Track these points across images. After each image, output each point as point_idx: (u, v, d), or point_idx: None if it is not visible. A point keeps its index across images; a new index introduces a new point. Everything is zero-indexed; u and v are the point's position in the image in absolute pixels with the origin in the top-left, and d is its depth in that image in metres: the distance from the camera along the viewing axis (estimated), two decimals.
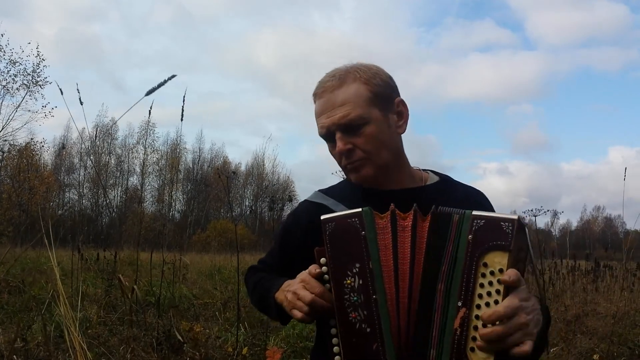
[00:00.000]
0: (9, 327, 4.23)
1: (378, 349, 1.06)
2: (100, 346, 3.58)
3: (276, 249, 1.46)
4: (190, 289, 6.89)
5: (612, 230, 58.84)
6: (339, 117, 1.24)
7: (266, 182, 44.87)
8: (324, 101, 1.27)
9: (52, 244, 2.36)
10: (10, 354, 3.15)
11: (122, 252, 8.62)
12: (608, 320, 5.29)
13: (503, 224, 1.01)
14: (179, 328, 3.87)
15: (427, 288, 1.06)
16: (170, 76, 1.69)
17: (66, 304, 2.28)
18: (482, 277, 1.01)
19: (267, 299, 1.30)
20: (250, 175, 46.36)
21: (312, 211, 1.33)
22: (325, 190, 1.43)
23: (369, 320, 1.07)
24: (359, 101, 1.25)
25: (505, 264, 1.00)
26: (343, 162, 1.29)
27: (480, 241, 1.02)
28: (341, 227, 1.11)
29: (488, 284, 1.01)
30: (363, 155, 1.26)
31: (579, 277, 8.76)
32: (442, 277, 1.04)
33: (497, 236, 1.01)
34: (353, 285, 1.08)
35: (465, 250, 1.03)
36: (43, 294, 5.31)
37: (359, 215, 1.10)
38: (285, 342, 4.36)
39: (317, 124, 1.30)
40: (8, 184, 26.67)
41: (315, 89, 1.32)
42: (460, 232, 1.04)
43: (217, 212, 45.04)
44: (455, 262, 1.04)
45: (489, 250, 1.01)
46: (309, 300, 1.12)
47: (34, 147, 27.98)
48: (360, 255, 1.08)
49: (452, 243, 1.05)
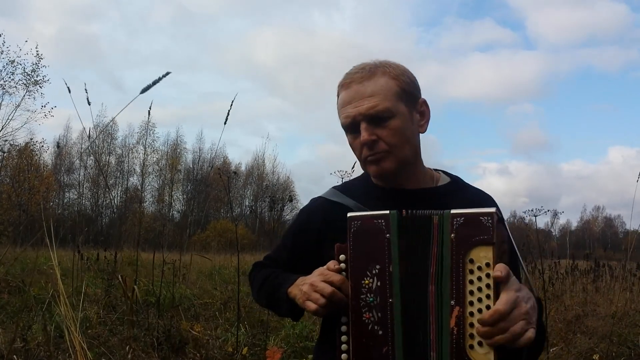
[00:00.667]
0: (9, 327, 4.22)
1: (388, 352, 1.06)
2: (101, 346, 3.58)
3: (287, 244, 1.45)
4: (190, 289, 6.89)
5: (612, 230, 58.85)
6: (367, 108, 1.25)
7: (266, 182, 44.88)
8: (351, 91, 1.28)
9: (53, 243, 2.36)
10: (10, 354, 3.14)
11: (122, 252, 8.62)
12: (608, 320, 5.28)
13: (482, 219, 1.02)
14: (179, 328, 3.87)
15: (419, 291, 1.06)
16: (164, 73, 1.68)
17: (66, 303, 2.28)
18: (470, 274, 1.02)
19: (278, 294, 1.29)
20: (250, 176, 46.36)
21: (327, 209, 1.34)
22: (340, 187, 1.43)
23: (382, 323, 1.07)
24: (388, 94, 1.26)
25: (491, 257, 1.01)
26: (364, 153, 1.28)
27: (463, 238, 1.03)
28: (366, 227, 1.11)
29: (477, 279, 1.02)
30: (386, 147, 1.26)
31: (579, 277, 8.76)
32: (431, 279, 1.05)
33: (479, 231, 1.02)
34: (371, 286, 1.09)
35: (450, 249, 1.04)
36: (43, 294, 5.30)
37: (385, 217, 1.10)
38: (285, 342, 4.36)
39: (341, 114, 1.30)
40: (8, 184, 26.63)
41: (342, 79, 1.32)
42: (443, 232, 1.05)
43: (217, 212, 45.02)
44: (442, 262, 1.04)
45: (473, 246, 1.02)
46: (328, 292, 1.12)
47: (34, 147, 27.97)
48: (382, 257, 1.09)
49: (437, 243, 1.05)
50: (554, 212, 37.46)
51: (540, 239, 9.45)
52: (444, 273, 1.04)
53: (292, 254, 1.42)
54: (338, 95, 1.33)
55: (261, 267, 1.47)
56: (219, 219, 40.41)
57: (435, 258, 1.05)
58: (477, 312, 1.01)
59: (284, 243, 1.46)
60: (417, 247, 1.07)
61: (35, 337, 3.73)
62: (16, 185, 25.78)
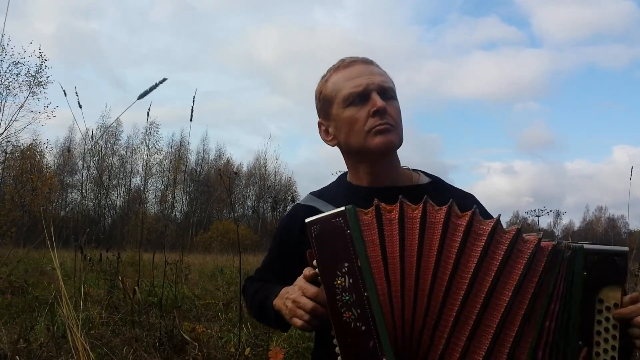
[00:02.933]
0: (12, 327, 4.23)
1: (375, 345, 1.05)
2: (103, 347, 3.58)
3: (273, 255, 1.45)
4: (192, 289, 6.90)
5: (615, 230, 58.69)
6: (381, 81, 1.27)
7: (268, 183, 44.92)
8: (360, 67, 1.30)
9: (55, 244, 2.37)
10: (13, 354, 3.15)
11: (125, 253, 8.63)
12: None
13: (616, 259, 1.03)
14: (181, 328, 3.87)
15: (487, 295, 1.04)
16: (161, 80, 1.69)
17: (68, 304, 2.28)
18: (598, 314, 1.03)
19: (266, 308, 1.29)
20: (252, 176, 46.42)
21: (303, 215, 1.31)
22: (317, 192, 1.42)
23: (363, 318, 1.06)
24: (390, 79, 1.32)
25: (619, 297, 1.02)
26: (373, 122, 1.25)
27: (596, 277, 1.03)
28: (326, 228, 1.10)
29: (605, 319, 1.03)
30: (392, 121, 1.26)
31: None
32: (551, 316, 1.04)
33: (612, 271, 1.03)
34: (344, 284, 1.08)
35: (582, 287, 1.04)
36: (46, 295, 5.32)
37: (342, 215, 1.09)
38: (287, 342, 4.36)
39: (347, 85, 1.28)
40: (11, 185, 26.72)
41: (338, 63, 1.33)
42: (574, 269, 1.04)
43: (219, 212, 45.07)
44: (571, 299, 1.04)
45: (604, 285, 1.03)
46: (309, 308, 1.12)
47: (37, 148, 28.08)
48: (347, 254, 1.08)
49: (564, 280, 1.04)
50: (557, 213, 37.45)
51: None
52: (573, 311, 1.04)
53: (279, 262, 1.42)
54: (327, 80, 1.33)
55: (252, 282, 1.48)
56: (222, 219, 40.45)
57: (561, 294, 1.04)
58: (602, 352, 1.03)
59: (271, 253, 1.47)
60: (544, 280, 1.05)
61: (37, 337, 3.74)
62: (19, 187, 25.85)
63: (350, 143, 1.30)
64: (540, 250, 1.04)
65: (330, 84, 1.32)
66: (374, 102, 1.24)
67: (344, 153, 1.37)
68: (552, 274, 1.04)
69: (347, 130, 1.29)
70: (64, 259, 6.93)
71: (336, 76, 1.31)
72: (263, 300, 1.31)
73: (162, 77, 1.71)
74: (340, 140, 1.33)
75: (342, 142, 1.33)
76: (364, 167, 1.33)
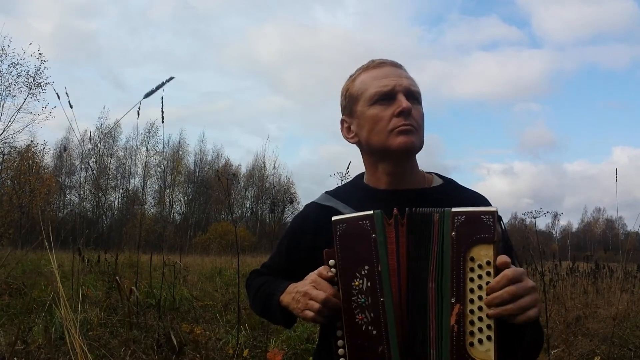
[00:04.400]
0: (10, 329, 4.23)
1: (384, 351, 1.06)
2: (101, 348, 3.58)
3: (282, 251, 1.45)
4: (190, 290, 6.89)
5: (613, 232, 58.74)
6: (408, 83, 1.29)
7: (267, 184, 44.88)
8: (389, 69, 1.31)
9: (52, 246, 2.37)
10: (11, 356, 3.15)
11: (123, 255, 8.61)
12: (609, 322, 5.27)
13: (483, 217, 1.03)
14: (180, 330, 3.87)
15: (418, 288, 1.07)
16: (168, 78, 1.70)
17: (66, 305, 2.28)
18: (471, 272, 1.03)
19: (271, 302, 1.29)
20: (250, 177, 46.38)
21: (319, 213, 1.33)
22: (332, 192, 1.43)
23: (376, 323, 1.07)
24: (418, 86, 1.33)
25: (491, 255, 1.02)
26: (396, 122, 1.25)
27: (464, 236, 1.03)
28: (352, 229, 1.11)
29: (478, 277, 1.02)
30: (416, 124, 1.27)
31: (579, 279, 8.75)
32: (431, 276, 1.05)
33: (480, 229, 1.02)
34: (361, 287, 1.09)
35: (451, 246, 1.04)
36: (44, 296, 5.31)
37: (370, 218, 1.10)
38: (286, 344, 4.36)
39: (374, 84, 1.29)
40: (9, 186, 26.65)
41: (367, 64, 1.35)
42: (443, 229, 1.05)
43: (218, 214, 45.03)
44: (442, 259, 1.05)
45: (473, 244, 1.03)
46: (322, 299, 1.12)
47: (35, 150, 28.01)
48: (369, 257, 1.09)
49: (437, 241, 1.06)
50: (555, 214, 37.56)
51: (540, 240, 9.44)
52: (444, 271, 1.04)
53: (288, 259, 1.42)
54: (356, 78, 1.34)
55: (257, 275, 1.48)
56: (220, 221, 40.42)
57: (436, 256, 1.05)
58: (477, 310, 1.01)
59: (279, 249, 1.47)
60: (417, 244, 1.08)
61: (36, 339, 3.73)
62: (17, 188, 25.79)
63: (371, 141, 1.30)
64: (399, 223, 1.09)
65: (357, 83, 1.33)
66: (399, 103, 1.25)
67: (363, 152, 1.38)
68: (423, 236, 1.07)
69: (369, 129, 1.29)
70: (62, 260, 6.91)
71: (364, 75, 1.32)
72: (269, 296, 1.31)
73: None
74: (362, 138, 1.33)
75: (364, 141, 1.33)
76: (383, 166, 1.33)
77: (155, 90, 1.66)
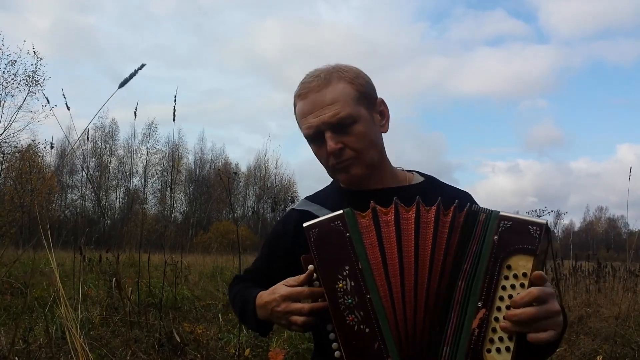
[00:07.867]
0: (11, 328, 4.22)
1: (380, 347, 1.05)
2: (102, 348, 3.57)
3: (264, 257, 1.45)
4: (192, 290, 6.88)
5: (615, 231, 58.68)
6: (329, 116, 1.23)
7: (269, 183, 44.90)
8: (310, 101, 1.26)
9: (52, 245, 2.36)
10: (12, 355, 3.14)
11: (124, 254, 8.61)
12: (611, 321, 5.26)
13: (531, 228, 1.01)
14: (181, 330, 3.86)
15: (446, 283, 1.05)
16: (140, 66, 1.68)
17: (67, 305, 2.28)
18: (504, 280, 1.00)
19: (247, 307, 1.29)
20: (252, 176, 46.40)
21: (298, 219, 1.31)
22: (311, 196, 1.43)
23: (367, 321, 1.06)
24: (347, 100, 1.24)
25: (529, 268, 0.99)
26: (331, 162, 1.28)
27: (506, 243, 1.01)
28: (325, 232, 1.10)
29: (510, 287, 1.00)
30: (353, 154, 1.26)
31: (582, 278, 8.73)
32: (463, 275, 1.03)
33: (524, 239, 1.00)
34: (345, 288, 1.08)
35: (490, 250, 1.02)
36: (45, 296, 5.31)
37: (341, 217, 1.10)
38: (287, 343, 4.34)
39: (302, 125, 1.29)
40: (10, 186, 26.69)
41: (298, 90, 1.30)
42: (486, 231, 1.03)
43: (219, 213, 45.05)
44: (478, 261, 1.03)
45: (514, 253, 1.00)
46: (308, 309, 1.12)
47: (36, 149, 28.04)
48: (348, 257, 1.08)
49: (477, 242, 1.04)
50: (557, 213, 37.58)
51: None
52: (478, 272, 1.02)
53: (269, 264, 1.42)
54: (295, 106, 1.32)
55: (238, 281, 1.48)
56: (221, 220, 40.44)
57: (472, 256, 1.03)
58: (502, 319, 0.99)
59: (262, 254, 1.47)
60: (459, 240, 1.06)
61: (36, 338, 3.72)
62: (19, 187, 25.83)
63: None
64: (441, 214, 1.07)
65: (296, 113, 1.32)
66: (327, 144, 1.24)
67: None
68: (464, 234, 1.05)
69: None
70: (64, 259, 6.91)
71: (297, 106, 1.31)
72: (245, 301, 1.32)
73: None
74: None
75: None
76: None
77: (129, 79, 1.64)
